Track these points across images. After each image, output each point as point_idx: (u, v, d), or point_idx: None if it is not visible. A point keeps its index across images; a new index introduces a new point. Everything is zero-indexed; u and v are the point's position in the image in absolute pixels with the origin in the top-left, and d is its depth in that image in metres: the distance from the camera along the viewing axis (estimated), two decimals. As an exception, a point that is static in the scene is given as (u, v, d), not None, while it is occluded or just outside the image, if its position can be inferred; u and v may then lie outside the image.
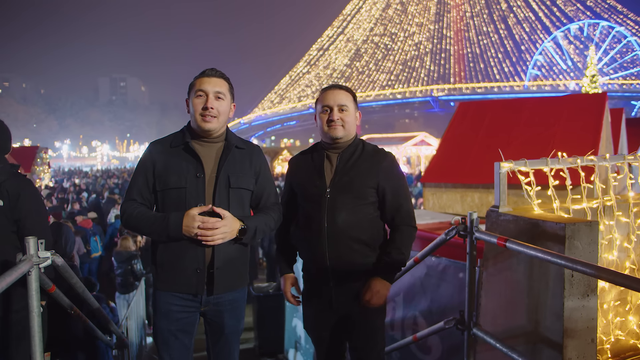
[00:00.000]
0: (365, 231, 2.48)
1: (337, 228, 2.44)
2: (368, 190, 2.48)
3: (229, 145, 2.41)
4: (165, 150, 2.37)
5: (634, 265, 2.95)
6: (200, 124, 2.32)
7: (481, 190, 7.09)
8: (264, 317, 6.43)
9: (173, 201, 2.30)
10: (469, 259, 2.57)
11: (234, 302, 2.43)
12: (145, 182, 2.35)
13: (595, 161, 2.84)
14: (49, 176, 26.80)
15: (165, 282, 2.33)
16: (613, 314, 2.87)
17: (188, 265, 2.28)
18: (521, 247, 2.08)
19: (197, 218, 2.19)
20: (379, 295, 2.42)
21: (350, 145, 2.57)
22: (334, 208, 2.46)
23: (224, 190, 2.33)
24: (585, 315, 2.21)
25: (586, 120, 7.17)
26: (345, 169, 2.51)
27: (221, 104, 2.36)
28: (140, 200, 2.35)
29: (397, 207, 2.52)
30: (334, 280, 2.49)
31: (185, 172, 2.31)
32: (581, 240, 2.19)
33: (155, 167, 2.34)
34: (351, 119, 2.55)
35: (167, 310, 2.32)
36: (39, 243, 2.01)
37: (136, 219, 2.29)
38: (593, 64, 40.28)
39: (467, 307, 2.61)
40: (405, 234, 2.52)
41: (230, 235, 2.25)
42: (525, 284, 2.40)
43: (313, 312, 2.64)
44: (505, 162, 2.61)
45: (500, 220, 2.55)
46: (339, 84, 2.67)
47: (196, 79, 2.39)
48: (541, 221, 2.30)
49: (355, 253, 2.47)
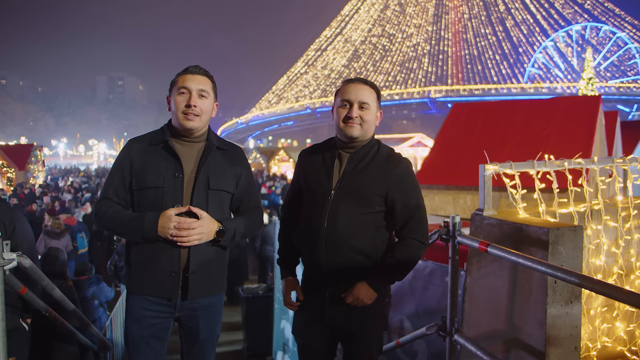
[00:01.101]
0: (367, 241, 2.29)
1: (337, 235, 2.26)
2: (375, 198, 2.28)
3: (210, 146, 2.33)
4: (144, 148, 2.29)
5: (621, 270, 2.89)
6: (182, 122, 2.24)
7: (474, 192, 7.03)
8: (252, 318, 6.36)
9: (150, 201, 2.23)
10: (451, 264, 2.51)
11: (210, 307, 2.35)
12: (122, 181, 2.28)
13: (583, 164, 2.78)
14: (44, 174, 26.67)
15: (139, 285, 2.25)
16: (600, 320, 2.82)
17: (162, 268, 2.20)
18: (503, 253, 2.02)
19: (173, 219, 2.12)
20: (359, 301, 2.27)
21: (365, 146, 2.36)
22: (336, 213, 2.27)
23: (203, 191, 2.25)
24: (568, 322, 2.16)
25: (580, 123, 7.13)
26: (354, 172, 2.31)
27: (204, 103, 2.28)
28: (115, 199, 2.28)
29: (406, 220, 2.31)
30: (329, 289, 2.32)
31: (164, 171, 2.23)
32: (565, 245, 2.13)
33: (133, 165, 2.26)
34: (371, 118, 2.34)
35: (140, 315, 2.24)
36: (3, 244, 1.94)
37: (110, 218, 2.21)
38: (590, 67, 40.30)
39: (449, 313, 2.55)
40: (411, 248, 2.31)
41: (207, 236, 2.18)
42: (508, 289, 2.34)
43: (304, 319, 2.46)
44: (490, 164, 2.55)
45: (484, 224, 2.49)
46: (363, 78, 2.42)
47: (178, 76, 2.31)
48: (525, 225, 2.24)
49: (354, 263, 2.27)
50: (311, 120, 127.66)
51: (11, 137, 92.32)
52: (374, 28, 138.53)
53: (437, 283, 3.59)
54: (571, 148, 6.78)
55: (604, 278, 2.84)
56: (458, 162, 7.48)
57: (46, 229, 7.73)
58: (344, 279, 2.29)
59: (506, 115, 8.04)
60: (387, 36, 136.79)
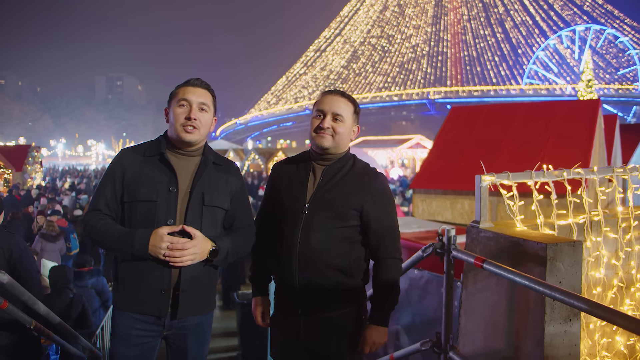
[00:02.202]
0: (341, 256, 2.23)
1: (310, 249, 2.20)
2: (350, 212, 2.24)
3: (206, 161, 2.26)
4: (138, 159, 2.20)
5: (622, 283, 2.82)
6: (180, 134, 2.17)
7: (471, 197, 6.96)
8: (247, 325, 6.27)
9: (141, 215, 2.14)
10: (446, 279, 2.44)
11: (200, 326, 2.27)
12: (113, 192, 2.18)
13: (582, 174, 2.71)
14: (41, 175, 26.58)
15: (126, 301, 2.16)
16: (599, 334, 2.75)
17: (152, 285, 2.11)
18: (499, 270, 1.95)
19: (165, 238, 2.03)
20: (377, 345, 2.22)
21: (340, 159, 2.33)
22: (310, 227, 2.22)
23: (197, 207, 2.17)
24: (567, 341, 2.08)
25: (579, 127, 7.07)
26: (329, 186, 2.27)
27: (204, 116, 2.22)
28: (106, 211, 2.18)
29: (381, 236, 2.28)
30: (302, 307, 2.25)
31: (158, 184, 2.15)
32: (564, 261, 2.05)
33: (125, 176, 2.18)
34: (344, 131, 2.29)
35: (126, 334, 2.15)
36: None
37: (99, 232, 2.12)
38: (589, 69, 40.25)
39: (444, 329, 2.48)
40: (391, 268, 2.29)
41: (200, 256, 2.10)
42: (505, 305, 2.27)
43: (279, 340, 2.40)
44: (487, 174, 2.47)
45: (480, 236, 2.41)
46: (342, 90, 2.40)
47: (179, 88, 2.25)
48: (522, 240, 2.17)
49: (328, 280, 2.21)
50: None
51: (9, 137, 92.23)
52: (373, 29, 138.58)
53: (433, 292, 3.52)
54: (570, 152, 6.72)
55: (603, 291, 2.77)
56: (456, 167, 7.42)
57: (42, 232, 7.69)
58: (318, 296, 2.23)
59: (505, 118, 7.99)
60: (386, 37, 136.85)
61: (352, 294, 2.28)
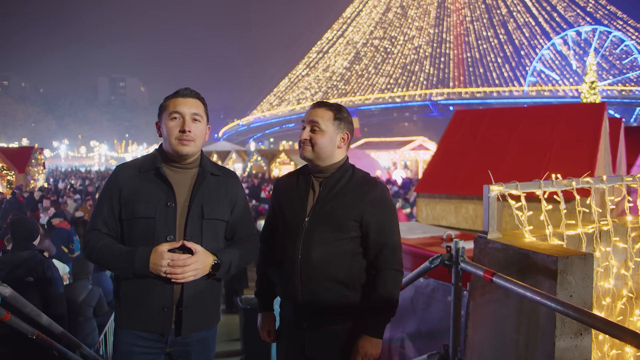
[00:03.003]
0: (343, 269, 2.20)
1: (312, 263, 2.18)
2: (350, 223, 2.21)
3: (203, 172, 2.21)
4: (134, 175, 2.15)
5: (631, 293, 2.79)
6: (176, 148, 2.12)
7: (476, 201, 6.92)
8: (251, 330, 6.24)
9: (140, 232, 2.10)
10: (454, 291, 2.40)
11: (204, 341, 2.23)
12: (111, 211, 2.14)
13: (592, 183, 2.67)
14: (44, 177, 26.62)
15: (128, 319, 2.12)
16: (609, 345, 2.71)
17: (154, 303, 2.07)
18: (509, 284, 1.91)
19: (165, 255, 1.99)
20: (369, 356, 2.17)
21: (337, 171, 2.29)
22: (310, 240, 2.20)
23: (197, 221, 2.13)
24: (578, 355, 2.05)
25: (584, 131, 7.01)
26: (328, 198, 2.24)
27: (198, 127, 2.16)
28: (105, 230, 2.14)
29: (380, 247, 2.23)
30: (306, 322, 2.22)
31: (155, 200, 2.10)
32: (574, 275, 2.02)
33: (122, 193, 2.13)
34: (324, 141, 2.24)
35: (129, 352, 2.11)
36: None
37: (99, 252, 2.08)
38: (592, 70, 40.15)
39: (452, 341, 2.44)
40: (390, 279, 2.23)
41: (203, 271, 2.06)
42: (514, 318, 2.23)
43: (285, 354, 2.38)
44: (495, 184, 2.44)
45: (488, 248, 2.38)
46: (324, 101, 2.36)
47: (169, 100, 2.18)
48: (532, 252, 2.13)
49: (331, 293, 2.18)
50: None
51: (13, 138, 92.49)
52: (375, 30, 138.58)
53: (439, 300, 3.48)
54: (576, 156, 6.68)
55: (613, 302, 2.74)
56: (460, 171, 7.37)
57: None
58: (322, 309, 2.20)
59: (509, 122, 7.93)
60: (388, 38, 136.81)
61: (355, 306, 2.25)
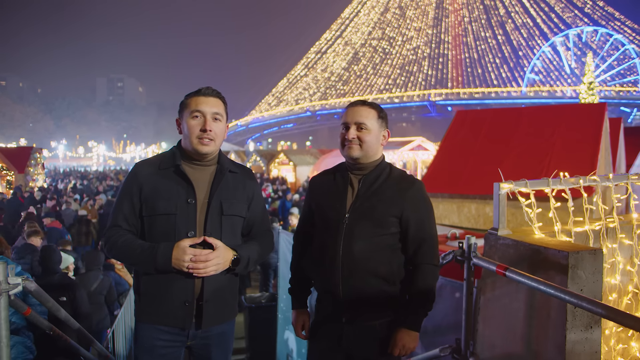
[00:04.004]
0: (384, 264, 2.24)
1: (353, 258, 2.21)
2: (390, 219, 2.24)
3: (222, 169, 2.25)
4: (153, 173, 2.19)
5: (636, 289, 2.84)
6: (197, 147, 2.16)
7: (478, 201, 6.97)
8: (255, 328, 6.30)
9: (161, 228, 2.14)
10: (466, 286, 2.45)
11: (223, 335, 2.28)
12: (131, 207, 2.17)
13: (598, 181, 2.74)
14: (43, 177, 26.61)
15: (150, 314, 2.16)
16: (615, 340, 2.76)
17: (175, 298, 2.12)
18: (522, 278, 1.96)
19: (188, 251, 2.03)
20: (407, 349, 2.23)
21: (376, 168, 2.34)
22: (351, 236, 2.22)
23: (217, 217, 2.17)
24: (588, 348, 2.10)
25: (585, 131, 7.07)
26: (367, 195, 2.27)
27: (218, 126, 2.21)
28: (126, 226, 2.17)
29: (420, 242, 2.27)
30: (346, 316, 2.26)
31: (175, 197, 2.14)
32: (585, 269, 2.07)
33: (142, 190, 2.16)
34: (371, 139, 2.29)
35: (151, 346, 2.16)
36: (8, 269, 1.89)
37: (121, 248, 2.12)
38: (590, 71, 40.32)
39: (464, 335, 2.49)
40: (429, 275, 2.28)
41: (223, 266, 2.11)
42: (525, 312, 2.29)
43: (319, 347, 2.39)
44: (505, 182, 2.50)
45: (499, 244, 2.43)
46: (363, 100, 2.41)
47: (190, 98, 2.21)
48: (543, 248, 2.19)
49: (372, 288, 2.22)
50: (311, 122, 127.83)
51: (10, 138, 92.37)
52: (374, 31, 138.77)
53: (446, 297, 3.53)
54: (577, 156, 6.73)
55: (619, 297, 2.79)
56: (462, 171, 7.43)
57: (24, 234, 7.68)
58: (362, 303, 2.23)
59: (511, 122, 7.98)
60: (387, 39, 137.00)
61: (394, 301, 2.29)
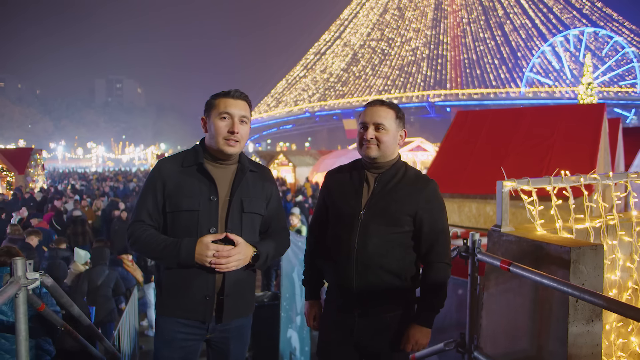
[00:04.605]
0: (397, 261, 2.30)
1: (367, 254, 2.28)
2: (405, 218, 2.30)
3: (243, 169, 2.32)
4: (177, 170, 2.26)
5: (636, 285, 2.91)
6: (223, 147, 2.22)
7: (479, 200, 7.03)
8: (258, 327, 6.33)
9: (184, 224, 2.20)
10: (471, 281, 2.51)
11: (241, 328, 2.34)
12: (155, 203, 2.24)
13: (599, 179, 2.80)
14: (43, 178, 26.63)
15: (171, 307, 2.23)
16: (615, 335, 2.82)
17: (197, 292, 2.18)
18: (526, 272, 2.03)
19: (211, 246, 2.09)
20: (419, 345, 2.29)
21: (392, 167, 2.39)
22: (366, 232, 2.29)
23: (237, 214, 2.24)
24: (589, 340, 2.16)
25: (585, 131, 7.13)
26: (383, 193, 2.33)
27: (244, 128, 2.28)
28: (149, 221, 2.23)
29: (432, 241, 2.33)
30: (358, 309, 2.33)
31: (198, 194, 2.21)
32: (586, 264, 2.14)
33: (166, 186, 2.23)
34: (389, 139, 2.34)
35: (172, 338, 2.22)
36: (26, 265, 1.94)
37: (144, 243, 2.18)
38: (589, 72, 40.41)
39: (469, 329, 2.55)
40: (441, 272, 2.34)
41: (244, 262, 2.18)
42: (528, 307, 2.35)
43: (330, 340, 2.46)
44: (508, 180, 2.56)
45: (502, 240, 2.50)
46: (382, 100, 2.48)
47: (219, 99, 2.27)
48: (545, 243, 2.25)
49: (384, 283, 2.29)
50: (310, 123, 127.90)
51: (9, 139, 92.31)
52: (373, 32, 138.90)
53: (449, 294, 3.58)
54: (576, 157, 6.79)
55: (619, 293, 2.86)
56: (463, 171, 7.48)
57: (9, 236, 7.70)
58: (374, 298, 2.30)
59: (511, 123, 8.03)
60: (386, 40, 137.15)
61: (404, 296, 2.36)
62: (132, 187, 22.87)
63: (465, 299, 2.85)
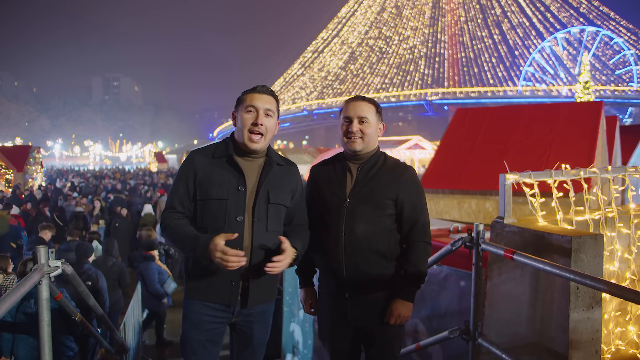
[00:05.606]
0: (383, 243, 2.48)
1: (355, 238, 2.45)
2: (387, 201, 2.49)
3: (270, 162, 2.44)
4: (208, 161, 2.39)
5: (634, 275, 2.99)
6: (247, 142, 2.35)
7: (478, 196, 7.13)
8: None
9: (213, 212, 2.32)
10: (475, 270, 2.60)
11: (264, 313, 2.46)
12: (187, 191, 2.37)
13: (598, 173, 2.88)
14: (41, 176, 26.64)
15: (198, 291, 2.35)
16: (613, 324, 2.91)
17: (223, 277, 2.30)
18: (529, 260, 2.11)
19: (219, 248, 2.14)
20: (402, 318, 2.46)
21: (372, 157, 2.59)
22: (353, 218, 2.47)
23: (264, 204, 2.36)
24: (590, 327, 2.25)
25: (583, 129, 7.23)
26: (366, 180, 2.53)
27: (269, 121, 2.40)
28: (180, 209, 2.37)
29: (413, 222, 2.52)
30: (349, 291, 2.50)
31: (227, 184, 2.33)
32: (587, 253, 2.22)
33: (197, 175, 2.36)
34: (371, 131, 2.55)
35: (198, 321, 2.34)
36: (49, 253, 2.01)
37: (172, 231, 2.31)
38: (586, 70, 40.55)
39: (473, 317, 2.64)
40: (421, 250, 2.51)
41: (288, 263, 2.30)
42: (530, 295, 2.43)
43: (328, 323, 2.63)
44: (510, 173, 2.64)
45: (505, 231, 2.58)
46: (362, 95, 2.68)
47: (247, 95, 2.42)
48: (547, 234, 2.33)
49: (372, 265, 2.47)
50: (308, 122, 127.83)
51: (6, 137, 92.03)
52: (370, 30, 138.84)
53: (450, 287, 3.67)
54: (574, 153, 6.89)
55: (617, 283, 2.94)
56: (462, 167, 7.58)
57: None
58: (363, 279, 2.47)
59: (510, 120, 8.14)
60: (383, 38, 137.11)
61: (392, 276, 2.52)
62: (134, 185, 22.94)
63: (467, 291, 2.95)
